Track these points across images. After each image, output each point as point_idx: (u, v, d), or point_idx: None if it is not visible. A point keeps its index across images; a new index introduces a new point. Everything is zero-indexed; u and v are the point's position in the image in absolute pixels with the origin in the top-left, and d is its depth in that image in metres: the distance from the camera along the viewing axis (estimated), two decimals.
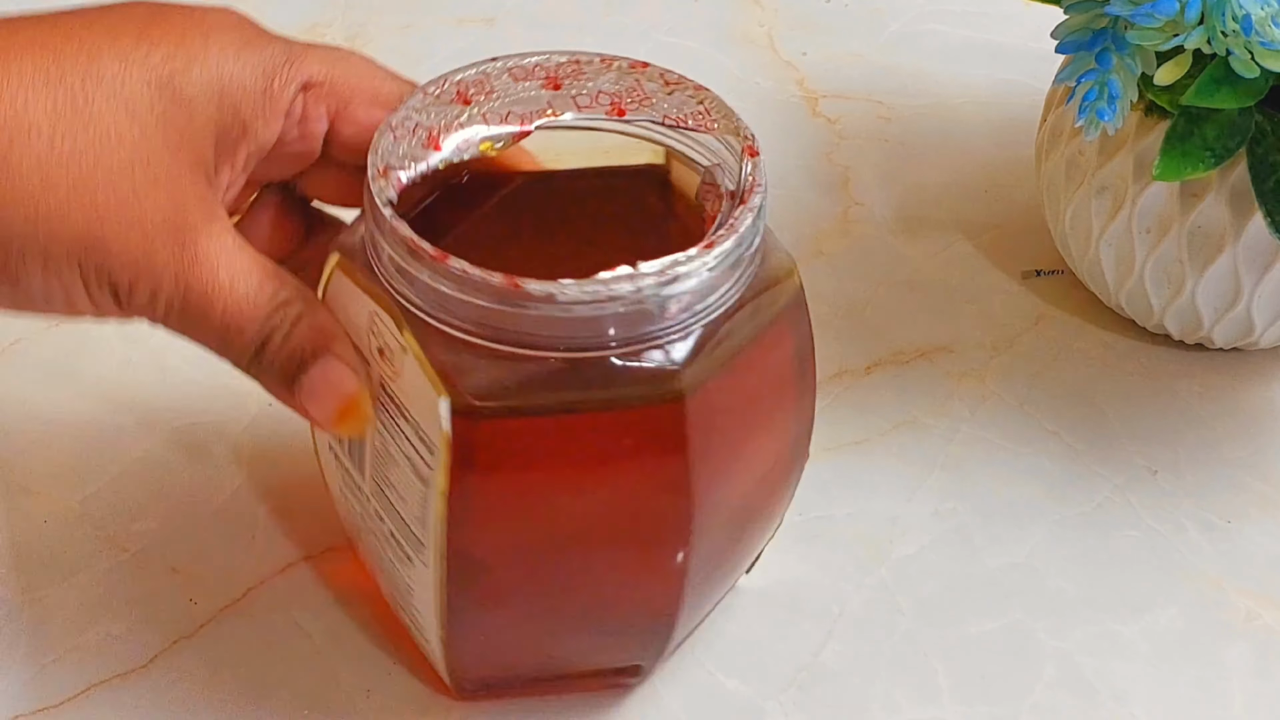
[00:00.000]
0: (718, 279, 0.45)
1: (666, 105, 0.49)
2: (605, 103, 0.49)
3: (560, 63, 0.49)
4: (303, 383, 0.46)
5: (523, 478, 0.45)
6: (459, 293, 0.43)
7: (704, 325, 0.45)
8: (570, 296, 0.43)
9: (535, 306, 0.43)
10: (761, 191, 0.46)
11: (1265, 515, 0.60)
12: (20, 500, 0.58)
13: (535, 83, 0.49)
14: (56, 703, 0.53)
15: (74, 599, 0.55)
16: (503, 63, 0.49)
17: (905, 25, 0.80)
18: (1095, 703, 0.55)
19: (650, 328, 0.44)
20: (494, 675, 0.51)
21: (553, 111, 0.49)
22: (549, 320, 0.43)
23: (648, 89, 0.49)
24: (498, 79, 0.49)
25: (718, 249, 0.44)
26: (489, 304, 0.43)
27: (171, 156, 0.46)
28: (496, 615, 0.48)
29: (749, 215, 0.45)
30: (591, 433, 0.45)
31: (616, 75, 0.49)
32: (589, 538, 0.47)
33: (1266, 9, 0.51)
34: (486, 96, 0.49)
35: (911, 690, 0.55)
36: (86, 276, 0.45)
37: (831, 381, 0.64)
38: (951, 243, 0.69)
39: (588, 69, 0.49)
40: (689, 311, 0.44)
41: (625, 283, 0.43)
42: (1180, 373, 0.65)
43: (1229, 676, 0.56)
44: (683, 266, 0.43)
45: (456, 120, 0.48)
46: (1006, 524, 0.60)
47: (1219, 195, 0.59)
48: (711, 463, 0.46)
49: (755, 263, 0.46)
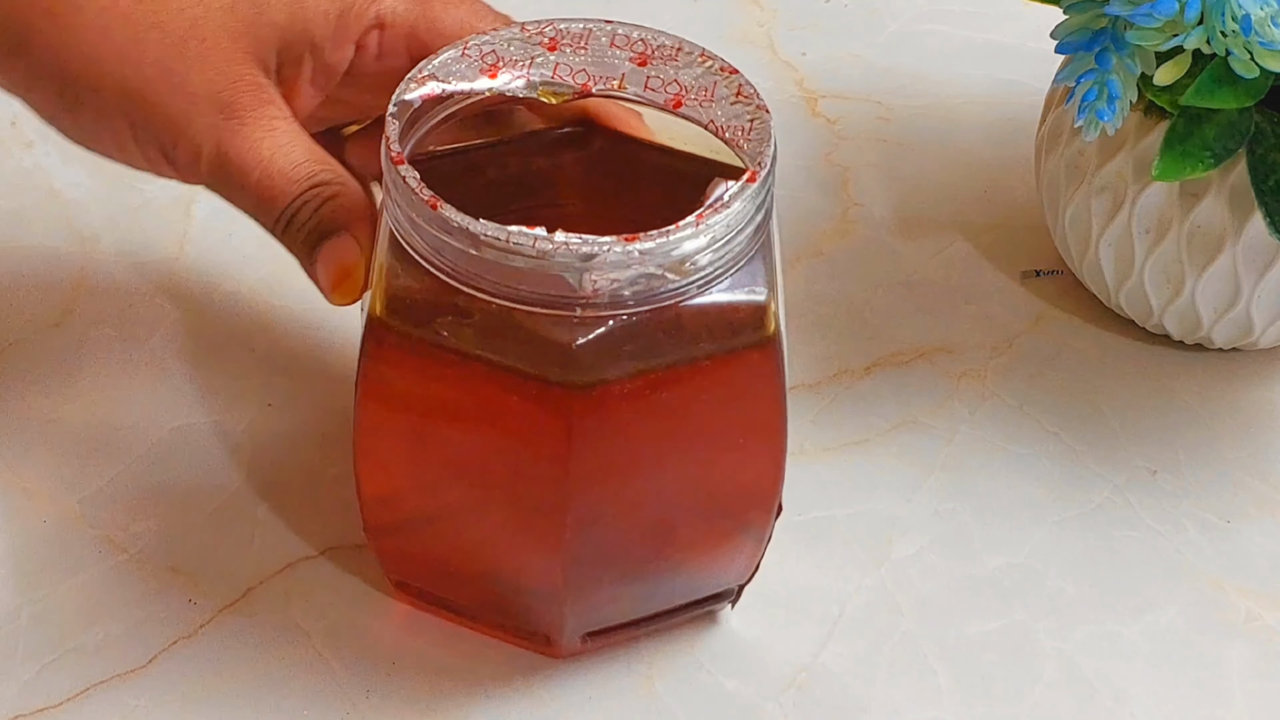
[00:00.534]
0: (649, 278, 0.44)
1: (721, 113, 0.49)
2: (672, 91, 0.50)
3: (661, 44, 0.50)
4: (318, 252, 0.50)
5: (403, 398, 0.48)
6: (403, 203, 0.45)
7: (625, 320, 0.45)
8: (488, 238, 0.44)
9: (455, 238, 0.44)
10: (727, 219, 0.45)
11: (1265, 515, 0.60)
12: (20, 500, 0.58)
13: (628, 53, 0.50)
14: (56, 702, 0.53)
15: (74, 599, 0.55)
16: (613, 27, 0.50)
17: (905, 25, 0.80)
18: (1095, 703, 0.55)
19: (565, 295, 0.44)
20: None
21: (620, 85, 0.50)
22: (477, 260, 0.44)
23: (719, 93, 0.49)
24: (596, 38, 0.50)
25: (640, 244, 0.44)
26: (418, 218, 0.45)
27: (230, 41, 0.49)
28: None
29: (690, 227, 0.45)
30: (484, 384, 0.46)
31: (702, 72, 0.50)
32: (471, 482, 0.49)
33: (1266, 9, 0.51)
34: (574, 50, 0.50)
35: (911, 690, 0.55)
36: (135, 128, 0.49)
37: (831, 381, 0.64)
38: (951, 243, 0.69)
39: (681, 58, 0.50)
40: (608, 296, 0.44)
41: (544, 242, 0.43)
42: (1180, 373, 0.65)
43: (1229, 676, 0.56)
44: (607, 246, 0.44)
45: (532, 59, 0.49)
46: (1006, 524, 0.60)
47: (1219, 195, 0.59)
48: (600, 459, 0.47)
49: (694, 280, 0.46)
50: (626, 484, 0.48)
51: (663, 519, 0.50)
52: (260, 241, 0.68)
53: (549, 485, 0.47)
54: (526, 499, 0.48)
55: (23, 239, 0.67)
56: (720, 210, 0.45)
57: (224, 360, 0.63)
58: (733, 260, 0.46)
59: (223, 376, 0.63)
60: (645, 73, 0.50)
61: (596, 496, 0.48)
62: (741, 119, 0.49)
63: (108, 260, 0.67)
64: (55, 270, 0.66)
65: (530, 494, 0.48)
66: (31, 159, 0.70)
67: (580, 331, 0.45)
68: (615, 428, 0.46)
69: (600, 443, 0.46)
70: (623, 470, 0.48)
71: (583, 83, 0.50)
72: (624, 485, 0.48)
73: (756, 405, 0.49)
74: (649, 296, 0.45)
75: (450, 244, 0.44)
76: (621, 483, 0.48)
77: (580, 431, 0.46)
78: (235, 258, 0.67)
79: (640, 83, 0.50)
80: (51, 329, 0.64)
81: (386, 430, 0.49)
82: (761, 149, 0.48)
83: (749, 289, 0.47)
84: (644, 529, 0.50)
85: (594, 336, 0.45)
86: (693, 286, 0.45)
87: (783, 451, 0.51)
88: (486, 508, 0.49)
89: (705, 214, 0.45)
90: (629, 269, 0.44)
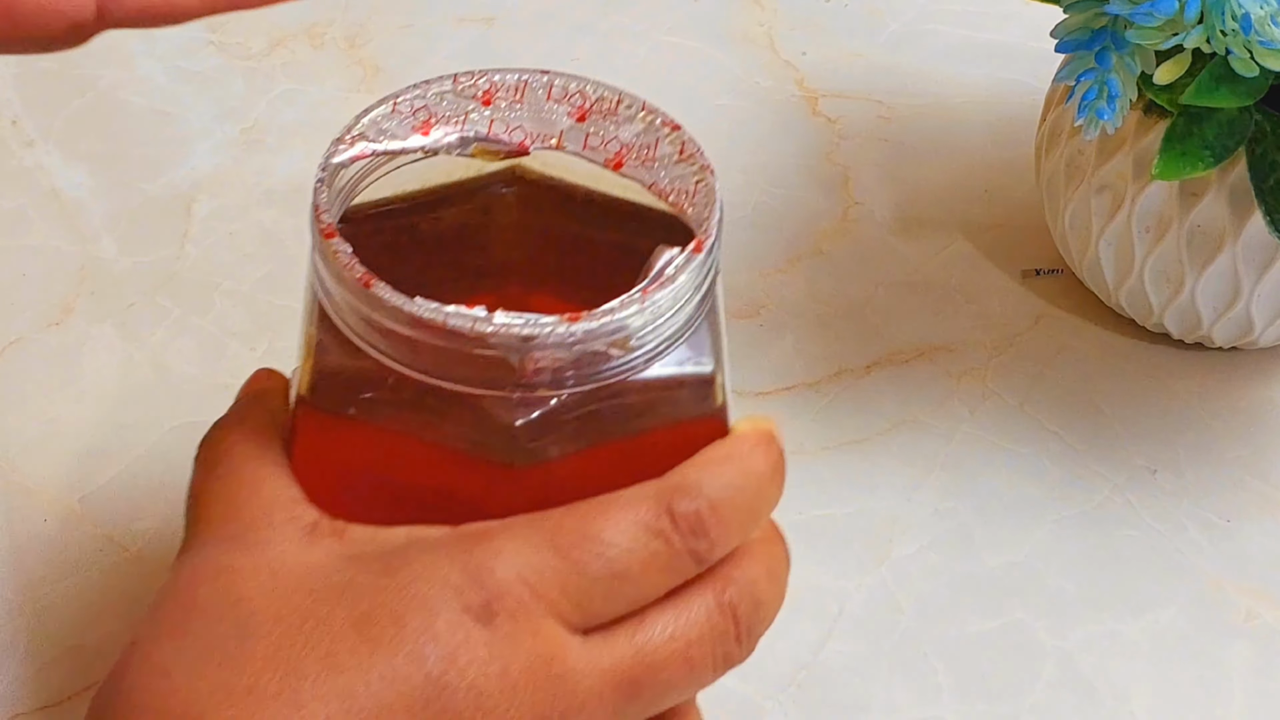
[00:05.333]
0: (592, 355, 0.42)
1: (664, 174, 0.47)
2: (613, 150, 0.48)
3: (601, 96, 0.48)
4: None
5: (337, 474, 0.45)
6: (333, 279, 0.43)
7: (566, 398, 0.43)
8: (424, 319, 0.41)
9: (389, 319, 0.41)
10: (674, 292, 0.43)
11: (1265, 514, 0.60)
12: (20, 500, 0.58)
13: (566, 107, 0.48)
14: (56, 702, 0.53)
15: (74, 599, 0.55)
16: (549, 78, 0.48)
17: (905, 25, 0.80)
18: (1095, 702, 0.55)
19: (505, 376, 0.42)
20: None
21: (558, 143, 0.48)
22: (412, 341, 0.42)
23: (661, 151, 0.47)
24: (533, 90, 0.48)
25: (583, 324, 0.41)
26: (350, 295, 0.42)
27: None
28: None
29: (635, 303, 0.42)
30: (422, 462, 0.44)
31: (644, 128, 0.48)
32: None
33: (1266, 8, 0.51)
34: (510, 104, 0.48)
35: (911, 690, 0.55)
36: None
37: (831, 381, 0.64)
38: (951, 243, 0.69)
39: (622, 112, 0.48)
40: (549, 375, 0.42)
41: (483, 324, 0.41)
42: (1180, 372, 0.65)
43: (1229, 676, 0.56)
44: (549, 328, 0.41)
45: (466, 114, 0.47)
46: (1006, 524, 0.60)
47: (1219, 194, 0.59)
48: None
49: (638, 355, 0.43)
50: None
51: None
52: (260, 241, 0.69)
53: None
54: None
55: (23, 239, 0.67)
56: (666, 285, 0.43)
57: (224, 360, 0.63)
58: (678, 333, 0.44)
59: (223, 376, 0.63)
60: (584, 129, 0.48)
61: None
62: (686, 180, 0.47)
63: (108, 260, 0.67)
64: (55, 270, 0.66)
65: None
66: (32, 158, 0.70)
67: (521, 411, 0.42)
68: (559, 504, 0.44)
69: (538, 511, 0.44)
70: None
71: (519, 140, 0.48)
72: None
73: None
74: (591, 375, 0.42)
75: (384, 324, 0.42)
76: None
77: (522, 509, 0.43)
78: (235, 258, 0.67)
79: (579, 140, 0.48)
80: (51, 329, 0.64)
81: (321, 503, 0.46)
82: (707, 214, 0.45)
83: (694, 361, 0.45)
84: None
85: (535, 416, 0.42)
86: (638, 361, 0.43)
87: None
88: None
89: (650, 289, 0.43)
90: (571, 348, 0.42)
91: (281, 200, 0.69)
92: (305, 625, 0.40)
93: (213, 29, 0.76)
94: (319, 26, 0.78)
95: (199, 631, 0.41)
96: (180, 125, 0.72)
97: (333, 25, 0.78)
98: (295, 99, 0.74)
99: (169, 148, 0.71)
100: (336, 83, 0.75)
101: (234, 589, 0.41)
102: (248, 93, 0.74)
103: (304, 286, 0.49)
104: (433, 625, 0.40)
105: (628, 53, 0.77)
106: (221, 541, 0.43)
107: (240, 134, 0.72)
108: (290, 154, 0.71)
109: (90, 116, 0.72)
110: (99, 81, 0.74)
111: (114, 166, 0.70)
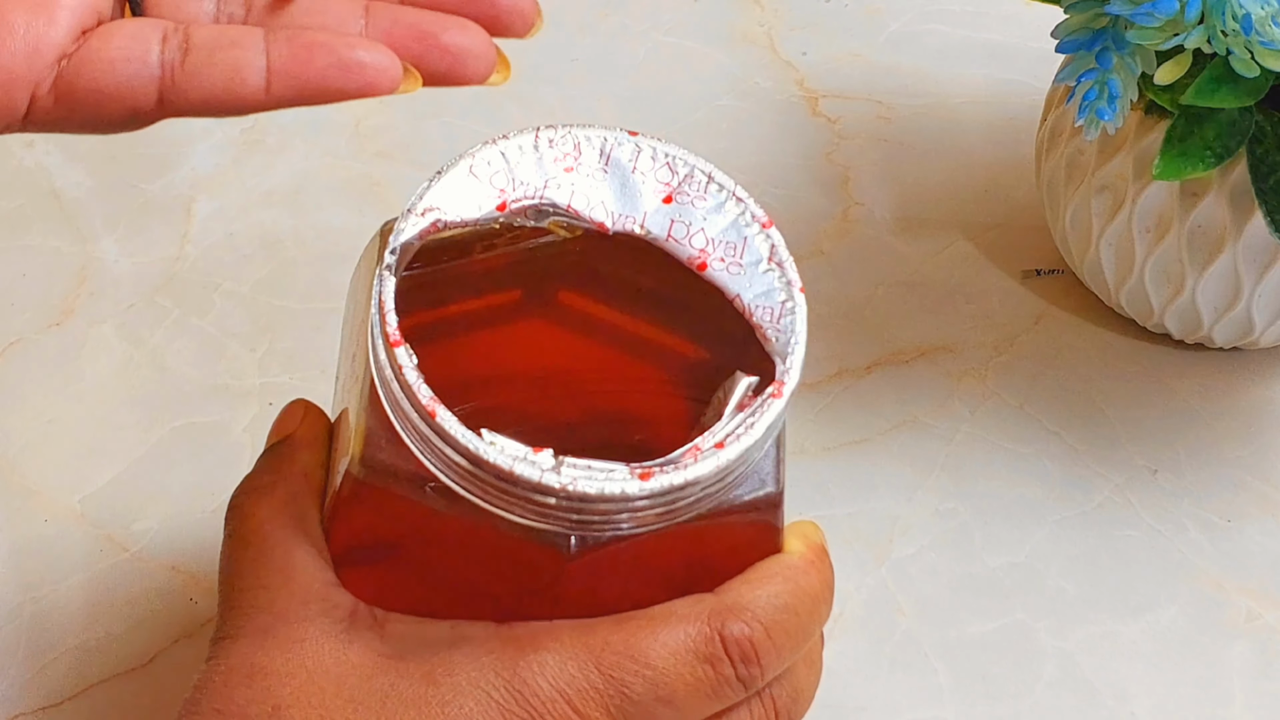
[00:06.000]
0: (642, 505, 0.40)
1: (750, 285, 0.43)
2: (698, 245, 0.44)
3: (690, 173, 0.44)
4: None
5: (381, 544, 0.44)
6: (397, 392, 0.40)
7: (623, 538, 0.41)
8: (487, 463, 0.39)
9: (450, 447, 0.39)
10: (749, 440, 0.41)
11: (1265, 515, 0.60)
12: (20, 500, 0.58)
13: (653, 183, 0.44)
14: (56, 702, 0.53)
15: (74, 599, 0.55)
16: (637, 144, 0.44)
17: (905, 25, 0.80)
18: (1095, 702, 0.55)
19: (566, 519, 0.40)
20: None
21: (641, 227, 0.44)
22: (471, 472, 0.40)
23: (747, 257, 0.44)
24: (619, 161, 0.44)
25: (655, 481, 0.39)
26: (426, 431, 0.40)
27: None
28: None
29: (710, 458, 0.40)
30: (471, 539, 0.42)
31: (732, 221, 0.44)
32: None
33: (1266, 8, 0.51)
34: (594, 172, 0.44)
35: (912, 689, 0.55)
36: None
37: (831, 381, 0.64)
38: (951, 243, 0.69)
39: (711, 196, 0.44)
40: (608, 524, 0.40)
41: (550, 475, 0.39)
42: (1180, 372, 0.65)
43: (1229, 676, 0.56)
44: (618, 487, 0.39)
45: (545, 182, 0.43)
46: (1006, 524, 0.60)
47: (1219, 195, 0.59)
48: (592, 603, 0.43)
49: (702, 499, 0.41)
50: (622, 608, 0.44)
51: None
52: (260, 241, 0.69)
53: (539, 611, 0.44)
54: (515, 615, 0.44)
55: (23, 239, 0.67)
56: (741, 439, 0.40)
57: (224, 360, 0.63)
58: (747, 472, 0.42)
59: (223, 376, 0.63)
60: (670, 214, 0.43)
61: (588, 614, 0.44)
62: (772, 299, 0.43)
63: (108, 260, 0.67)
64: (55, 270, 0.66)
65: (519, 614, 0.44)
66: (32, 159, 0.70)
67: (577, 548, 0.41)
68: (610, 589, 0.43)
69: (591, 595, 0.43)
70: (614, 605, 0.44)
71: (599, 220, 0.43)
72: (619, 609, 0.44)
73: (754, 554, 0.45)
74: (655, 520, 0.41)
75: (444, 450, 0.40)
76: (616, 609, 0.44)
77: (571, 596, 0.42)
78: (235, 258, 0.67)
79: (664, 226, 0.43)
80: (51, 329, 0.64)
81: (358, 577, 0.44)
82: (791, 347, 0.42)
83: (758, 486, 0.43)
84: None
85: (589, 548, 0.41)
86: (704, 505, 0.41)
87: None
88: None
89: (725, 441, 0.40)
90: (635, 503, 0.40)
91: (281, 200, 0.69)
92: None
93: None
94: None
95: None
96: (180, 125, 0.72)
97: None
98: None
99: (169, 148, 0.71)
100: None
101: (271, 695, 0.40)
102: None
103: (345, 319, 0.47)
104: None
105: (628, 53, 0.77)
106: (255, 635, 0.42)
107: (240, 134, 0.72)
108: (290, 154, 0.71)
109: None
110: None
111: (114, 166, 0.70)
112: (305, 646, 0.41)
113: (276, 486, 0.45)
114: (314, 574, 0.43)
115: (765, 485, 0.43)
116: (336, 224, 0.68)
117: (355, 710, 0.40)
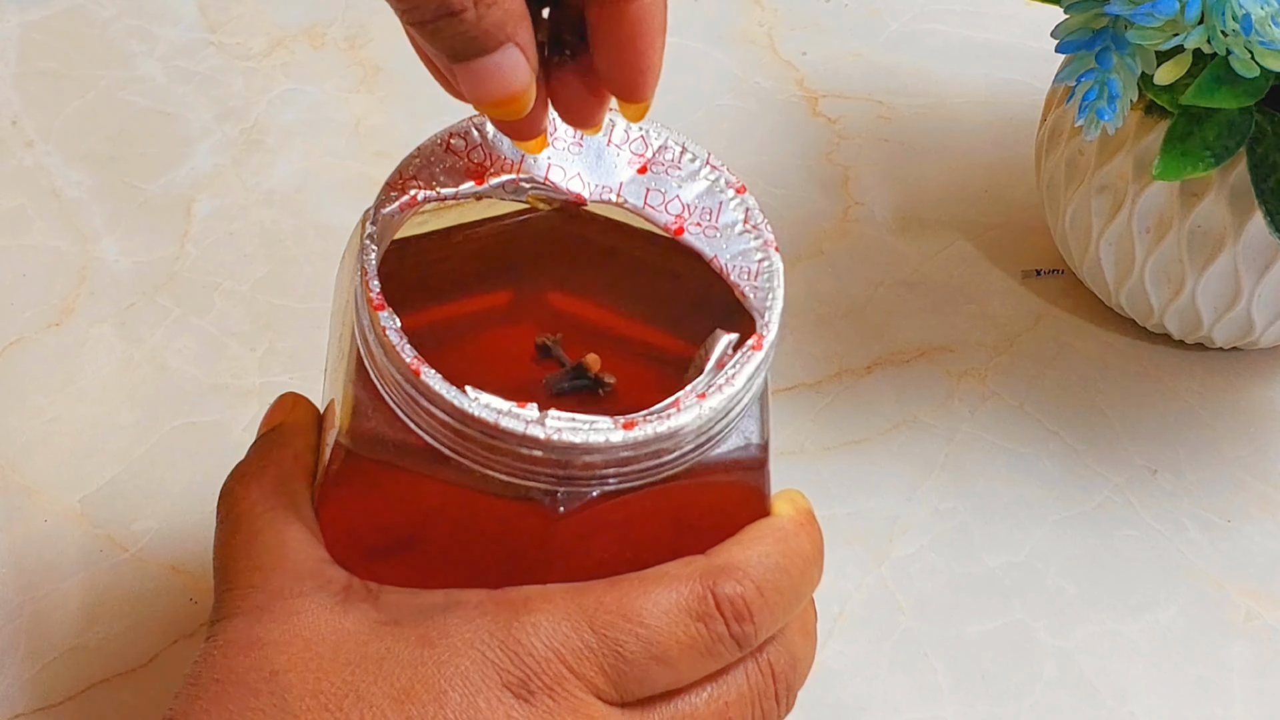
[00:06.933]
0: (627, 458, 0.41)
1: (726, 247, 0.44)
2: (674, 211, 0.45)
3: (664, 145, 0.46)
4: (473, 66, 0.40)
5: (371, 515, 0.44)
6: (380, 354, 0.41)
7: (611, 488, 0.42)
8: (472, 418, 0.40)
9: (436, 406, 0.40)
10: (730, 392, 0.42)
11: (1265, 515, 0.60)
12: (20, 500, 0.58)
13: (628, 154, 0.45)
14: (56, 702, 0.53)
15: (74, 599, 0.55)
16: (611, 119, 0.45)
17: (905, 25, 0.80)
18: (1095, 702, 0.55)
19: (551, 471, 0.41)
20: None
21: (617, 197, 0.45)
22: (458, 430, 0.40)
23: (722, 220, 0.45)
24: (606, 132, 0.45)
25: (639, 431, 0.40)
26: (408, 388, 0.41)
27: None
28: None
29: (692, 409, 0.41)
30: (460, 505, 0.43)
31: (706, 188, 0.45)
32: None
33: (1266, 8, 0.51)
34: (569, 146, 0.45)
35: (912, 689, 0.55)
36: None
37: (832, 380, 0.64)
38: (951, 243, 0.69)
39: (685, 166, 0.45)
40: (595, 474, 0.41)
41: (535, 427, 0.40)
42: (1180, 372, 0.65)
43: (1229, 676, 0.56)
44: (603, 437, 0.40)
45: (523, 157, 0.45)
46: (1006, 524, 0.60)
47: (1219, 195, 0.59)
48: (581, 566, 0.44)
49: (689, 449, 0.42)
50: (612, 570, 0.45)
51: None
52: (260, 241, 0.69)
53: (530, 576, 0.44)
54: (507, 581, 0.45)
55: (23, 239, 0.67)
56: (723, 389, 0.42)
57: (224, 360, 0.63)
58: (730, 424, 0.43)
59: (223, 376, 0.63)
60: (645, 183, 0.45)
61: (579, 577, 0.44)
62: (749, 258, 0.44)
63: (108, 260, 0.67)
64: (55, 270, 0.66)
65: (511, 580, 0.44)
66: (32, 158, 0.70)
67: (566, 502, 0.42)
68: (601, 549, 0.43)
69: (581, 557, 0.43)
70: (605, 568, 0.44)
71: (576, 191, 0.45)
72: (610, 571, 0.45)
73: (743, 517, 0.46)
74: (640, 472, 0.42)
75: (430, 409, 0.41)
76: (607, 571, 0.45)
77: (562, 555, 0.43)
78: (235, 258, 0.67)
79: (640, 195, 0.45)
80: (51, 329, 0.64)
81: (352, 551, 0.45)
82: (769, 301, 0.43)
83: (744, 443, 0.44)
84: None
85: (578, 508, 0.42)
86: (689, 456, 0.42)
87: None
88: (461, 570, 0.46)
89: (707, 392, 0.41)
90: (620, 453, 0.41)
91: (281, 200, 0.69)
92: (345, 700, 0.40)
93: (213, 29, 0.76)
94: (319, 27, 0.78)
95: (236, 704, 0.40)
96: (180, 125, 0.72)
97: (333, 25, 0.78)
98: (295, 99, 0.74)
99: (169, 148, 0.71)
100: (336, 83, 0.75)
101: (269, 661, 0.41)
102: (248, 93, 0.74)
103: (332, 312, 0.47)
104: (474, 701, 0.40)
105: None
106: (251, 612, 0.42)
107: (240, 134, 0.72)
108: (290, 154, 0.71)
109: (90, 116, 0.72)
110: (99, 81, 0.74)
111: (114, 166, 0.70)
112: (302, 618, 0.42)
113: (267, 470, 0.45)
114: (307, 552, 0.43)
115: (750, 444, 0.44)
116: (336, 224, 0.68)
117: (352, 672, 0.40)
